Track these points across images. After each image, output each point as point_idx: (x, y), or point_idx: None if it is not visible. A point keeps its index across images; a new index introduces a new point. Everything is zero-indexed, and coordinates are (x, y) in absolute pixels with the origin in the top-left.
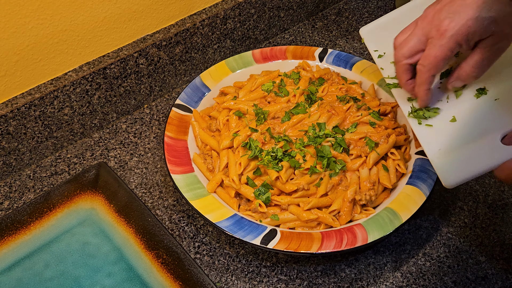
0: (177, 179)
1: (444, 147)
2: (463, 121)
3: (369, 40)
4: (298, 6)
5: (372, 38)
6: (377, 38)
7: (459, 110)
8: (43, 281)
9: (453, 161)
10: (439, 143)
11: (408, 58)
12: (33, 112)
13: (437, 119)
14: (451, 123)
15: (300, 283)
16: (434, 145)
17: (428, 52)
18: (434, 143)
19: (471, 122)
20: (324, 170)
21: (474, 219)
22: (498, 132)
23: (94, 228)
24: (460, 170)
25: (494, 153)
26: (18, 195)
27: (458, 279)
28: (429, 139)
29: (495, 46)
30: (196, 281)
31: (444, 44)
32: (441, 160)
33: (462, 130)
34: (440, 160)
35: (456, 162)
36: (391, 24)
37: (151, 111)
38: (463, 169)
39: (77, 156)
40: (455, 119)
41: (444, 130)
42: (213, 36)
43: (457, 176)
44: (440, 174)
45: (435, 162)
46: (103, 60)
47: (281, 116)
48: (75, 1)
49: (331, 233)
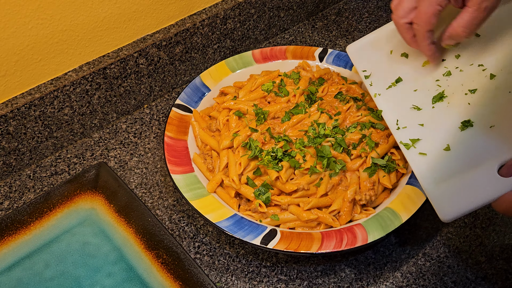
0: (177, 179)
1: (439, 177)
2: (457, 151)
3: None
4: (298, 6)
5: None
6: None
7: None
8: (43, 281)
9: (449, 195)
10: (434, 173)
11: (404, 18)
12: (33, 112)
13: (432, 147)
14: (445, 151)
15: (300, 283)
16: (429, 175)
17: (420, 9)
18: (429, 173)
19: (466, 151)
20: (324, 170)
21: (474, 219)
22: (494, 162)
23: (94, 228)
24: (457, 204)
25: (491, 186)
26: (18, 195)
27: (458, 279)
28: (423, 169)
29: (482, 5)
30: (196, 281)
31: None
32: (436, 193)
33: (456, 160)
34: (435, 192)
35: (452, 195)
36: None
37: (151, 111)
38: (460, 203)
39: (77, 156)
40: (449, 147)
41: (439, 159)
42: (213, 36)
43: (454, 210)
44: (436, 207)
45: (431, 195)
46: (103, 60)
47: (281, 116)
48: (75, 1)
49: (331, 233)
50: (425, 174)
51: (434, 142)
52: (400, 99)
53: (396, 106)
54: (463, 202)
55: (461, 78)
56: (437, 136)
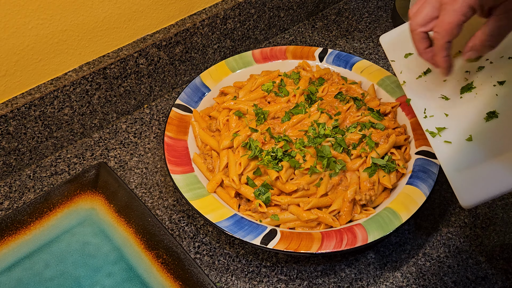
0: (177, 179)
1: (463, 165)
2: (481, 140)
3: (388, 48)
4: (298, 6)
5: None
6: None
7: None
8: (43, 281)
9: (471, 182)
10: (458, 162)
11: (423, 26)
12: (33, 112)
13: (457, 136)
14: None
15: (300, 283)
16: (452, 163)
17: (442, 18)
18: (452, 161)
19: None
20: (324, 170)
21: (474, 219)
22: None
23: (94, 228)
24: (478, 191)
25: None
26: (18, 195)
27: (458, 279)
28: (447, 156)
29: (510, 13)
30: (196, 281)
31: (457, 9)
32: (458, 180)
33: (480, 149)
34: (457, 179)
35: (474, 182)
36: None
37: (151, 111)
38: (481, 190)
39: (77, 156)
40: (471, 138)
41: (463, 148)
42: (213, 36)
43: (475, 196)
44: (457, 194)
45: (453, 181)
46: (103, 60)
47: (281, 116)
48: (75, 1)
49: (331, 233)
50: (448, 162)
51: (459, 132)
52: (429, 88)
53: (424, 95)
54: (484, 189)
55: (491, 70)
56: (462, 125)
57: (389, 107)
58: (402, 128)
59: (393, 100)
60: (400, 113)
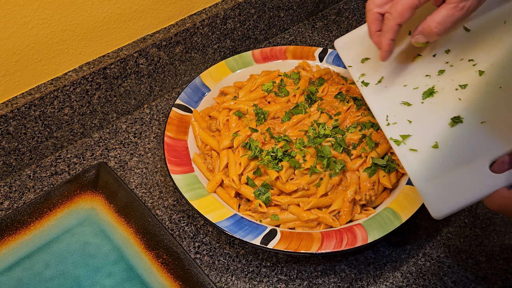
0: (177, 179)
1: (431, 174)
2: (448, 147)
3: (344, 53)
4: (298, 6)
5: (348, 50)
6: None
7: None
8: (43, 281)
9: (441, 191)
10: (425, 170)
11: (379, 7)
12: (33, 112)
13: (422, 144)
14: (436, 148)
15: (300, 283)
16: (420, 172)
17: (397, 0)
18: (420, 170)
19: (457, 147)
20: (324, 170)
21: (474, 219)
22: (486, 158)
23: (94, 228)
24: (449, 201)
25: (483, 182)
26: (18, 195)
27: (458, 279)
28: (414, 165)
29: (461, 4)
30: (196, 281)
31: None
32: (428, 190)
33: (447, 156)
34: (427, 190)
35: (444, 192)
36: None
37: (151, 111)
38: (452, 200)
39: (77, 156)
40: (437, 145)
41: (429, 156)
42: (213, 36)
43: (446, 207)
44: (427, 204)
45: (422, 191)
46: (103, 60)
47: (281, 116)
48: (75, 1)
49: (331, 233)
50: (416, 171)
51: (424, 139)
52: (390, 94)
53: (385, 101)
54: (455, 198)
55: (452, 73)
56: (427, 132)
57: None
58: None
59: None
60: None
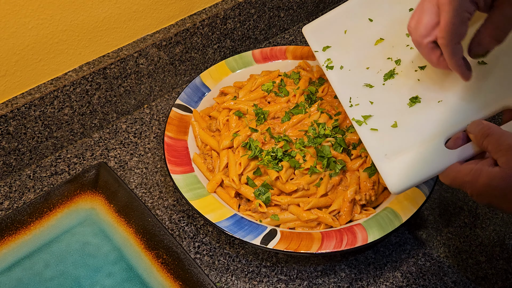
0: (177, 179)
1: (390, 152)
2: (406, 126)
3: (311, 38)
4: (298, 6)
5: (315, 36)
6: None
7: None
8: (43, 281)
9: (398, 167)
10: (385, 148)
11: (427, 36)
12: (33, 112)
13: (382, 123)
14: (395, 127)
15: (300, 283)
16: (380, 149)
17: (444, 21)
18: (380, 148)
19: (415, 126)
20: (324, 170)
21: (474, 219)
22: (442, 135)
23: (94, 228)
24: (406, 176)
25: (438, 157)
26: (18, 195)
27: (458, 279)
28: (374, 144)
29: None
30: (196, 281)
31: (457, 6)
32: (386, 166)
33: (406, 134)
34: (385, 166)
35: (401, 168)
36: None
37: (151, 111)
38: (409, 175)
39: (77, 156)
40: (396, 124)
41: (389, 134)
42: (213, 36)
43: (403, 182)
44: (386, 180)
45: (380, 168)
46: (103, 60)
47: (281, 116)
48: (75, 1)
49: (331, 233)
50: (376, 149)
51: (384, 119)
52: (353, 77)
53: (349, 84)
54: (412, 174)
55: (411, 56)
56: (387, 112)
57: None
58: None
59: None
60: None
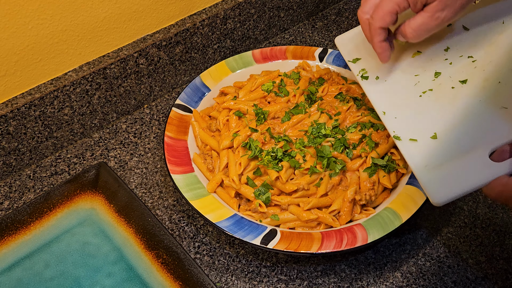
0: (177, 179)
1: (430, 164)
2: (447, 137)
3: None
4: (298, 6)
5: (348, 47)
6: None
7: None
8: (43, 281)
9: (441, 179)
10: (425, 159)
11: (367, 13)
12: (33, 112)
13: (421, 134)
14: (435, 139)
15: (300, 283)
16: (420, 161)
17: (378, 5)
18: (420, 159)
19: (457, 138)
20: (324, 170)
21: (474, 219)
22: (486, 148)
23: (94, 228)
24: (449, 188)
25: (483, 170)
26: (18, 195)
27: (458, 279)
28: (414, 154)
29: (436, 14)
30: (196, 281)
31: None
32: (428, 178)
33: (447, 146)
34: (427, 178)
35: (444, 180)
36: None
37: (151, 111)
38: (452, 187)
39: (77, 156)
40: (436, 136)
41: (429, 146)
42: (213, 36)
43: (445, 194)
44: (427, 192)
45: (422, 180)
46: (103, 60)
47: (281, 116)
48: (75, 1)
49: (331, 233)
50: (416, 160)
51: (423, 130)
52: (389, 88)
53: (385, 94)
54: (455, 186)
55: (450, 70)
56: (426, 124)
57: None
58: None
59: None
60: None
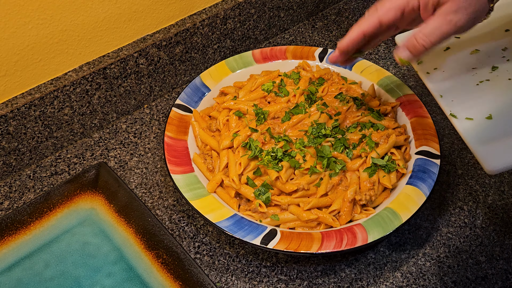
0: (177, 179)
1: (485, 137)
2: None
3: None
4: (298, 6)
5: None
6: None
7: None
8: (43, 281)
9: (495, 150)
10: (480, 134)
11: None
12: (33, 112)
13: (477, 114)
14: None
15: (300, 283)
16: (475, 135)
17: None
18: (475, 133)
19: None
20: (324, 170)
21: (474, 219)
22: None
23: (94, 228)
24: (503, 158)
25: None
26: (18, 195)
27: (458, 279)
28: (469, 129)
29: (449, 16)
30: (196, 281)
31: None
32: (483, 148)
33: (502, 124)
34: (482, 148)
35: (498, 151)
36: None
37: (151, 111)
38: (506, 157)
39: (77, 156)
40: (491, 116)
41: (484, 124)
42: (213, 36)
43: (500, 163)
44: (483, 161)
45: (477, 151)
46: (103, 60)
47: (281, 116)
48: (75, 1)
49: (331, 233)
50: (471, 135)
51: (479, 111)
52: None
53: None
54: (509, 156)
55: (508, 66)
56: (482, 106)
57: (389, 107)
58: (402, 128)
59: (393, 100)
60: (400, 113)
